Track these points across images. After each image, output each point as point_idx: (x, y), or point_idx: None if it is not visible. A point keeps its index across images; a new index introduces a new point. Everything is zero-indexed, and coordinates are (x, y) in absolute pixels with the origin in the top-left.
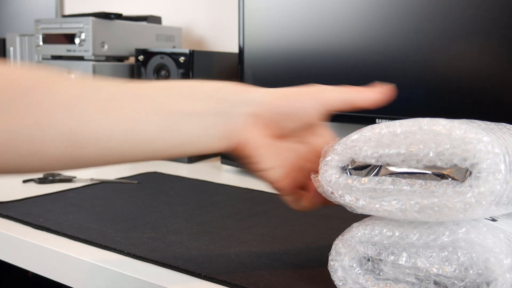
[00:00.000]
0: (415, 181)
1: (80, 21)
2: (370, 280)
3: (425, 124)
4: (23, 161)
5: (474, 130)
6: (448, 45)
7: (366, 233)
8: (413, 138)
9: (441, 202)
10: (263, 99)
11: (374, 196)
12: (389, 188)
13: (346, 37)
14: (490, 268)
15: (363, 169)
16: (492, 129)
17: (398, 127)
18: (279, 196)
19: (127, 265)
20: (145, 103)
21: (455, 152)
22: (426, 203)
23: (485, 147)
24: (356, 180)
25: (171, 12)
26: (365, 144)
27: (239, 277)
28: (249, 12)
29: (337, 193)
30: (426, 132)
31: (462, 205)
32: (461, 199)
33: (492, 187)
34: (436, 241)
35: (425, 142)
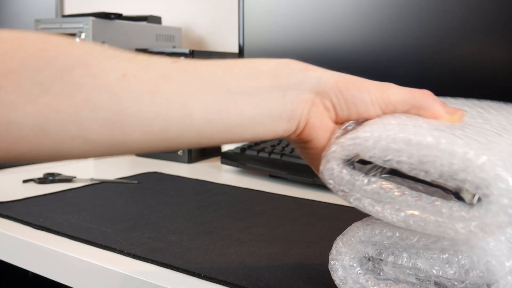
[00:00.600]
0: (421, 195)
1: (80, 21)
2: (370, 280)
3: (443, 143)
4: (62, 147)
5: (494, 158)
6: (449, 43)
7: (366, 232)
8: (427, 152)
9: (445, 223)
10: (325, 80)
11: (377, 199)
12: (394, 195)
13: (346, 37)
14: (491, 270)
15: (367, 164)
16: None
17: (412, 135)
18: None
19: (127, 265)
20: (199, 81)
21: (468, 179)
22: (431, 220)
23: (505, 185)
24: (360, 180)
25: (171, 12)
26: (375, 144)
27: (239, 277)
28: (249, 12)
29: (338, 187)
30: (442, 150)
31: (466, 232)
32: (465, 226)
33: (501, 222)
34: (436, 243)
35: (439, 160)
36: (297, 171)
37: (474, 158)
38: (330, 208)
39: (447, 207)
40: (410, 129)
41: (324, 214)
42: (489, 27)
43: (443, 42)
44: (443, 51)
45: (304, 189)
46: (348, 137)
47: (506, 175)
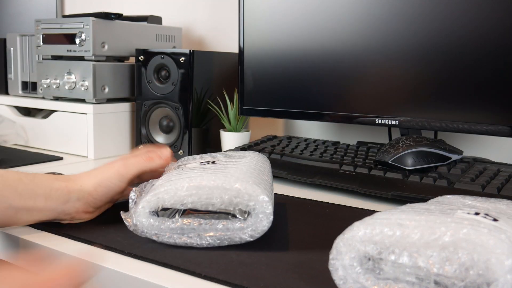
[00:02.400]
0: (212, 221)
1: (80, 21)
2: (370, 280)
3: (219, 183)
4: None
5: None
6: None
7: (367, 232)
8: (211, 191)
9: (233, 234)
10: (83, 192)
11: (182, 232)
12: (194, 226)
13: (345, 38)
14: (491, 269)
15: (167, 209)
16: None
17: (197, 182)
18: None
19: (127, 265)
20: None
21: (240, 202)
22: (224, 236)
23: (261, 198)
24: (165, 223)
25: (172, 12)
26: (173, 195)
27: (239, 277)
28: (249, 12)
29: (151, 232)
30: (220, 188)
31: (247, 237)
32: (245, 232)
33: (265, 225)
34: (437, 241)
35: (219, 194)
36: (297, 171)
37: (241, 188)
38: (330, 208)
39: (231, 224)
40: (193, 179)
41: (324, 214)
42: (489, 26)
43: (443, 42)
44: (443, 51)
45: (304, 189)
46: (150, 195)
47: (261, 192)
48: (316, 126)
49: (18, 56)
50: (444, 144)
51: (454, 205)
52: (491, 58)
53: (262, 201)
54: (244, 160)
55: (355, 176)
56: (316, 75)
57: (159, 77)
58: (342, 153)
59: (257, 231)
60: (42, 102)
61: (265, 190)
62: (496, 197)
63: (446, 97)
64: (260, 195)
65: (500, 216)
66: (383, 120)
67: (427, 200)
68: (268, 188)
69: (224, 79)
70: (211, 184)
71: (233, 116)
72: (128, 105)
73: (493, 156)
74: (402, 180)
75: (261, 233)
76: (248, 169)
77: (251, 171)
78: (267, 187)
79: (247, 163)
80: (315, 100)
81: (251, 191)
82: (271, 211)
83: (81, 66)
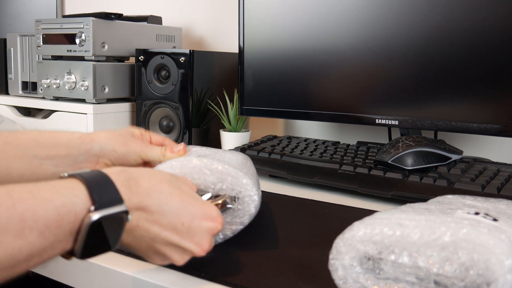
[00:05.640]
0: None
1: (80, 21)
2: (370, 279)
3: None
4: None
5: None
6: (449, 43)
7: (367, 232)
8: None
9: None
10: (105, 147)
11: None
12: None
13: (345, 37)
14: (491, 268)
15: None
16: None
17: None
18: None
19: (127, 265)
20: (15, 150)
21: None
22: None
23: (250, 186)
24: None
25: (172, 13)
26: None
27: (239, 277)
28: (249, 12)
29: None
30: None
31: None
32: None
33: (252, 209)
34: (437, 240)
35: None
36: (297, 171)
37: (223, 169)
38: (330, 208)
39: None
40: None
41: (324, 214)
42: (489, 26)
43: (443, 42)
44: (443, 51)
45: (304, 189)
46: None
47: (249, 181)
48: (316, 126)
49: (18, 56)
50: (444, 144)
51: (454, 205)
52: (491, 58)
53: (246, 184)
54: (228, 155)
55: (355, 176)
56: (316, 75)
57: (159, 77)
58: (342, 153)
59: (245, 216)
60: (42, 102)
61: (247, 174)
62: (496, 197)
63: (446, 97)
64: (243, 178)
65: (500, 216)
66: (383, 120)
67: (427, 200)
68: (249, 174)
69: (224, 79)
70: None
71: (233, 116)
72: (128, 105)
73: (493, 156)
74: (402, 180)
75: (250, 218)
76: (229, 160)
77: (234, 161)
78: (249, 174)
79: (232, 157)
80: (315, 100)
81: (233, 173)
82: (256, 193)
83: (81, 66)
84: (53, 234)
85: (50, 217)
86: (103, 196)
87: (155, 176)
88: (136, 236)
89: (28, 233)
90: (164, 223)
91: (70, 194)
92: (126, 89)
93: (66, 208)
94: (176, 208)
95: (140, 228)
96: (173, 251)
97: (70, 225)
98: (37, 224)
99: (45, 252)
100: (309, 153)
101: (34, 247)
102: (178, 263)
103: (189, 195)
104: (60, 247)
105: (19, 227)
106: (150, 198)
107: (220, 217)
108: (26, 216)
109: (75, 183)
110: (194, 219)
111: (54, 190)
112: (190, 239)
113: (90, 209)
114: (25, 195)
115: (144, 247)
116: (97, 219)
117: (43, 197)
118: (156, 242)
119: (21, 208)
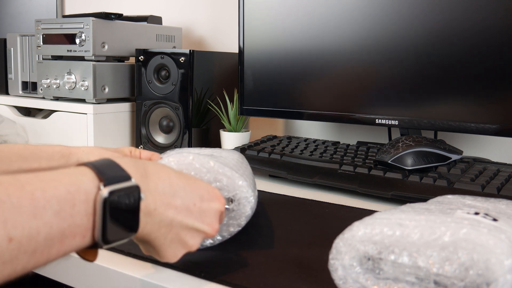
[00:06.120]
0: None
1: (80, 21)
2: (370, 279)
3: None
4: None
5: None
6: (447, 44)
7: (367, 232)
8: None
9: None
10: (80, 160)
11: None
12: None
13: (345, 37)
14: (491, 268)
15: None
16: None
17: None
18: None
19: (127, 265)
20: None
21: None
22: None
23: (244, 187)
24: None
25: (172, 12)
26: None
27: (239, 277)
28: (249, 12)
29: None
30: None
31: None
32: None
33: (247, 211)
34: (437, 240)
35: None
36: (297, 171)
37: (219, 169)
38: (330, 208)
39: None
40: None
41: (324, 214)
42: (489, 26)
43: (443, 42)
44: (443, 50)
45: (304, 189)
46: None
47: (244, 183)
48: (316, 126)
49: (18, 56)
50: (444, 144)
51: (454, 205)
52: (491, 58)
53: (241, 186)
54: (224, 154)
55: (355, 176)
56: (316, 75)
57: (159, 77)
58: (342, 153)
59: (243, 216)
60: (42, 102)
61: (243, 175)
62: (496, 197)
63: (446, 97)
64: (239, 180)
65: (500, 216)
66: (383, 120)
67: (427, 200)
68: (245, 175)
69: (224, 79)
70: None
71: (233, 116)
72: (128, 105)
73: (493, 156)
74: (402, 180)
75: (246, 219)
76: (225, 160)
77: (230, 160)
78: (245, 175)
79: (228, 157)
80: (315, 100)
81: (229, 173)
82: (252, 195)
83: (81, 66)
84: (68, 214)
85: (61, 195)
86: (110, 174)
87: (160, 164)
88: (155, 221)
89: (42, 212)
90: (178, 204)
91: (77, 173)
92: (126, 89)
93: (75, 186)
94: (186, 189)
95: (158, 212)
96: (188, 234)
97: (83, 204)
98: (50, 203)
99: (65, 237)
100: (309, 153)
101: (51, 229)
102: (193, 248)
103: (192, 178)
104: (80, 234)
105: (32, 206)
106: (160, 181)
107: (222, 198)
108: (36, 196)
109: (80, 167)
110: (203, 200)
111: (60, 173)
112: (203, 220)
113: (100, 187)
114: (32, 178)
115: (162, 234)
116: (108, 194)
117: (50, 178)
118: (173, 227)
119: (30, 188)
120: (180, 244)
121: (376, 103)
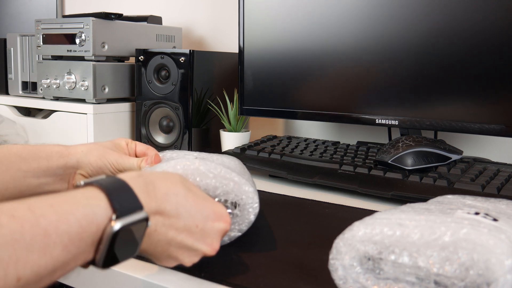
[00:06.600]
0: None
1: (80, 21)
2: (370, 279)
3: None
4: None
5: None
6: (447, 44)
7: (367, 232)
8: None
9: None
10: (81, 160)
11: None
12: None
13: (345, 37)
14: (491, 268)
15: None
16: None
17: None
18: None
19: (127, 265)
20: None
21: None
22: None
23: (249, 191)
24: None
25: (172, 12)
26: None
27: (239, 277)
28: (249, 12)
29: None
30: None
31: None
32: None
33: (251, 218)
34: (437, 240)
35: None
36: (297, 171)
37: (225, 174)
38: (330, 208)
39: None
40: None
41: (324, 214)
42: (489, 26)
43: (443, 42)
44: (443, 50)
45: (304, 189)
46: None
47: (250, 189)
48: (316, 126)
49: (18, 56)
50: (444, 144)
51: (454, 205)
52: (491, 58)
53: (248, 191)
54: (225, 160)
55: (355, 176)
56: (316, 75)
57: (159, 77)
58: (342, 153)
59: (246, 221)
60: (42, 102)
61: (248, 181)
62: (496, 197)
63: (446, 97)
64: (246, 186)
65: (500, 216)
66: (383, 120)
67: (427, 200)
68: (250, 181)
69: (224, 79)
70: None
71: (233, 116)
72: (128, 105)
73: (493, 156)
74: (402, 180)
75: (248, 225)
76: (229, 165)
77: (233, 166)
78: (250, 181)
79: (231, 162)
80: (315, 100)
81: (236, 179)
82: (256, 202)
83: (81, 66)
84: (76, 246)
85: (73, 230)
86: (124, 204)
87: (169, 178)
88: (153, 241)
89: (52, 248)
90: (179, 226)
91: (91, 205)
92: (126, 89)
93: (88, 220)
94: (191, 210)
95: (158, 233)
96: (185, 254)
97: (92, 236)
98: (61, 239)
99: (67, 265)
100: (309, 153)
101: (58, 262)
102: (187, 264)
103: (201, 197)
104: (82, 258)
105: (43, 243)
106: (168, 202)
107: (228, 217)
108: (49, 232)
109: (94, 192)
110: (207, 220)
111: (75, 201)
112: (203, 241)
113: (112, 217)
114: (47, 210)
115: (159, 251)
116: (119, 228)
117: (64, 210)
118: (171, 246)
119: (44, 223)
120: (175, 261)
121: (376, 103)
